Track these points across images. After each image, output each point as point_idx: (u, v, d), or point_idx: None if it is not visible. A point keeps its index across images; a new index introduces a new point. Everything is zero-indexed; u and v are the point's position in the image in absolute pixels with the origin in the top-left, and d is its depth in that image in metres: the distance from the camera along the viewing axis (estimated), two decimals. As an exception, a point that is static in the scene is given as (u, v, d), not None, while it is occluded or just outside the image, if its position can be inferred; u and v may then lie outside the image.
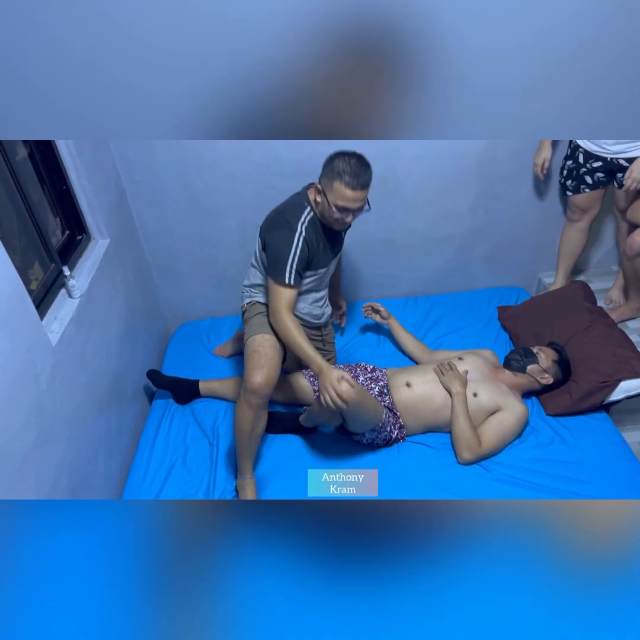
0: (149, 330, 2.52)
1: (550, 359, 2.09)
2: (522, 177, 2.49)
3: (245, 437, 1.84)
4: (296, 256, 1.77)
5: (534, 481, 1.86)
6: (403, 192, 2.47)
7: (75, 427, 1.72)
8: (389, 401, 2.00)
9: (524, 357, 2.09)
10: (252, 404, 1.81)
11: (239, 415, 1.84)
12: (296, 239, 1.77)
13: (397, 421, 1.99)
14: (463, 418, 1.93)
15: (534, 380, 2.08)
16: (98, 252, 2.04)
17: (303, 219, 1.80)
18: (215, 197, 2.42)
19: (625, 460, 1.92)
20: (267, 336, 1.88)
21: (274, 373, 1.83)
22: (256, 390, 1.79)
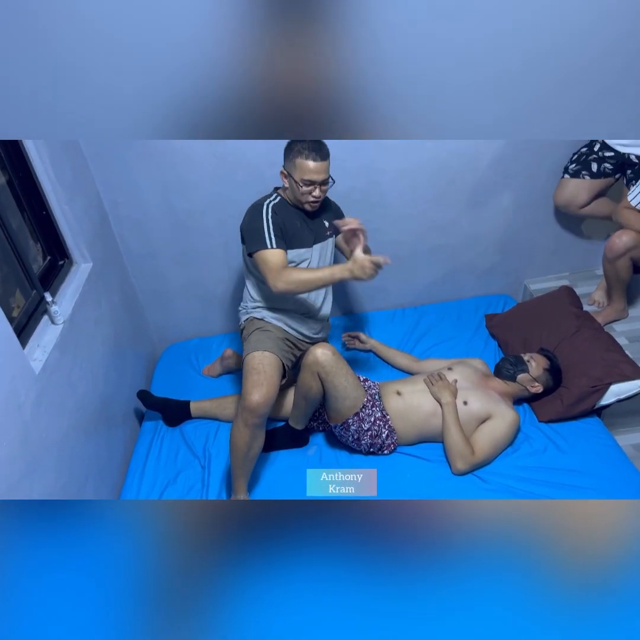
0: (136, 353, 2.49)
1: (541, 368, 2.08)
2: (504, 186, 2.52)
3: (241, 456, 1.82)
4: (270, 223, 1.83)
5: (530, 490, 1.85)
6: (387, 205, 2.48)
7: (63, 454, 1.68)
8: (381, 407, 1.99)
9: (514, 365, 2.09)
10: (249, 423, 1.78)
11: (235, 434, 1.82)
12: (264, 212, 1.85)
13: (387, 423, 1.98)
14: (455, 428, 1.92)
15: (524, 389, 2.08)
16: (81, 277, 2.02)
17: (269, 200, 1.89)
18: (200, 217, 2.42)
19: (620, 464, 1.91)
20: (266, 353, 1.87)
21: (272, 392, 1.81)
22: (254, 409, 1.77)
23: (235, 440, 1.82)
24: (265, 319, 2.00)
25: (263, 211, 1.85)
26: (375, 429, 1.95)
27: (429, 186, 2.45)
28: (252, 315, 2.01)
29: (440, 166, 2.40)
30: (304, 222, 1.93)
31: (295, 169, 1.79)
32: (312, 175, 1.79)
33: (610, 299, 2.46)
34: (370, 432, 1.94)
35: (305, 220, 1.94)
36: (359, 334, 2.50)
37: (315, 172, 1.78)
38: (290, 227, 1.89)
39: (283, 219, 1.87)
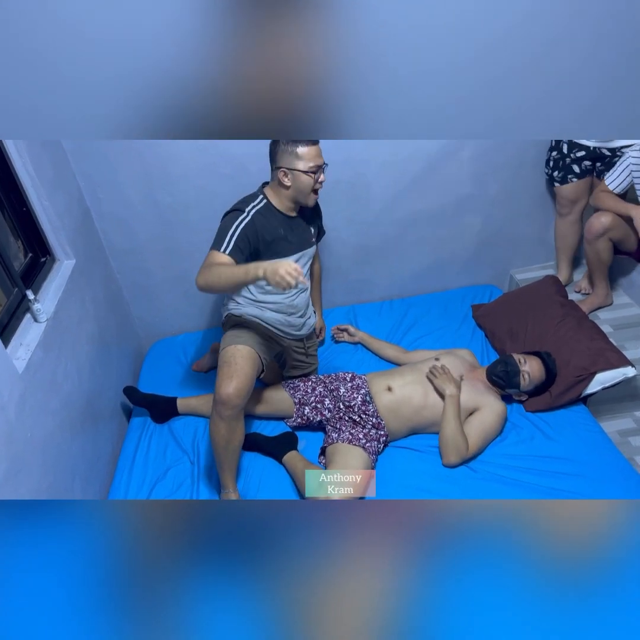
0: (122, 349, 2.47)
1: (533, 384, 2.04)
2: (490, 177, 2.52)
3: (222, 450, 1.81)
4: (238, 230, 1.77)
5: (519, 478, 1.86)
6: (373, 197, 2.48)
7: (49, 453, 1.67)
8: (373, 409, 1.99)
9: (506, 381, 2.02)
10: (224, 415, 1.77)
11: (212, 429, 1.81)
12: (241, 218, 1.80)
13: (382, 429, 1.98)
14: (455, 422, 1.91)
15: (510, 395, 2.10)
16: (64, 274, 1.99)
17: (253, 205, 1.83)
18: (184, 211, 2.39)
19: (606, 450, 1.94)
20: (239, 347, 1.85)
21: (243, 384, 1.78)
22: (225, 401, 1.75)
23: (214, 435, 1.80)
24: (243, 316, 1.97)
25: (239, 217, 1.80)
26: (371, 434, 1.95)
27: (415, 178, 2.45)
28: (230, 312, 1.99)
29: (425, 158, 2.40)
30: (288, 230, 1.89)
31: (300, 159, 1.75)
32: (317, 160, 1.77)
33: (594, 285, 2.48)
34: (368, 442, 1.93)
35: (291, 227, 1.90)
36: (347, 326, 2.50)
37: (318, 156, 1.78)
38: (270, 236, 1.83)
39: (262, 228, 1.81)
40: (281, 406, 2.11)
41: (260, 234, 1.81)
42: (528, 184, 2.57)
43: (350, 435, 1.92)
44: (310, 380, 2.14)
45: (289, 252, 1.91)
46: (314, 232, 2.02)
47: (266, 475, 1.98)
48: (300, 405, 2.09)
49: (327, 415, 2.05)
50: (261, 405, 2.12)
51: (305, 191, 1.81)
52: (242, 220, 1.79)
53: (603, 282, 2.44)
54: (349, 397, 2.02)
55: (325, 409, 2.05)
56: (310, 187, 1.80)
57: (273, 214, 1.86)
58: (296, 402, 2.10)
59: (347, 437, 1.91)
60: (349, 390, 2.04)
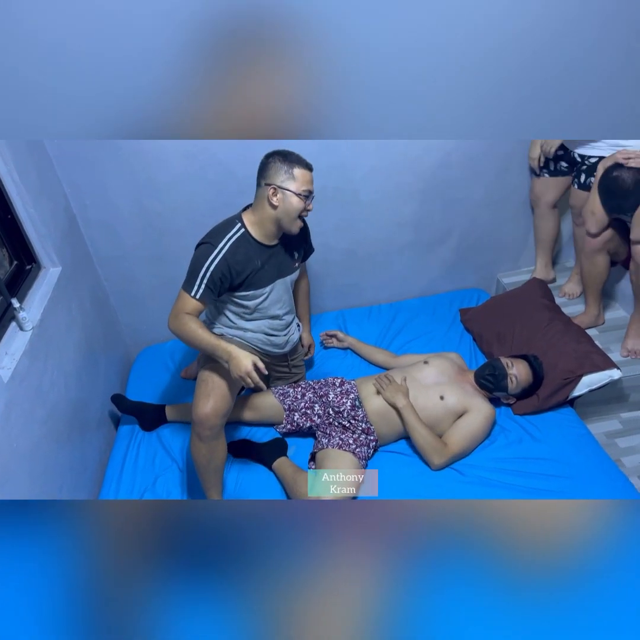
0: (109, 357, 2.45)
1: (520, 387, 2.06)
2: (476, 181, 2.54)
3: (203, 470, 1.77)
4: (208, 272, 1.71)
5: (507, 481, 1.87)
6: (360, 202, 2.49)
7: (35, 464, 1.64)
8: (362, 414, 1.99)
9: (495, 384, 2.04)
10: (202, 436, 1.72)
11: (192, 449, 1.77)
12: (213, 255, 1.73)
13: (371, 433, 1.98)
14: (420, 427, 1.92)
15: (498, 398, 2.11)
16: (50, 281, 1.97)
17: (230, 236, 1.76)
18: (171, 218, 2.38)
19: (593, 452, 1.96)
20: (218, 365, 1.78)
21: (221, 402, 1.73)
22: (202, 421, 1.70)
23: (194, 456, 1.76)
24: (225, 335, 1.93)
25: (211, 255, 1.72)
26: (361, 440, 1.95)
27: (401, 183, 2.46)
28: (213, 331, 1.93)
29: (412, 163, 2.42)
30: (266, 259, 1.82)
31: (294, 181, 1.70)
32: (309, 185, 1.73)
33: (586, 303, 2.45)
34: (358, 447, 1.93)
35: (270, 256, 1.83)
36: (336, 332, 2.50)
37: (311, 182, 1.74)
38: (245, 270, 1.77)
39: (236, 264, 1.75)
40: (270, 412, 2.11)
41: (233, 270, 1.75)
42: (514, 188, 2.60)
43: (340, 440, 1.92)
44: (300, 386, 2.14)
45: (266, 283, 1.86)
46: (298, 256, 1.97)
47: (256, 482, 1.97)
48: (290, 411, 2.08)
49: (317, 421, 2.05)
50: (250, 412, 2.11)
51: (292, 215, 1.74)
52: (213, 259, 1.72)
53: (597, 300, 2.40)
54: (338, 402, 2.02)
55: (315, 414, 2.05)
56: (298, 211, 1.73)
57: (250, 245, 1.78)
58: (286, 408, 2.09)
59: (337, 443, 1.91)
60: (338, 396, 2.04)
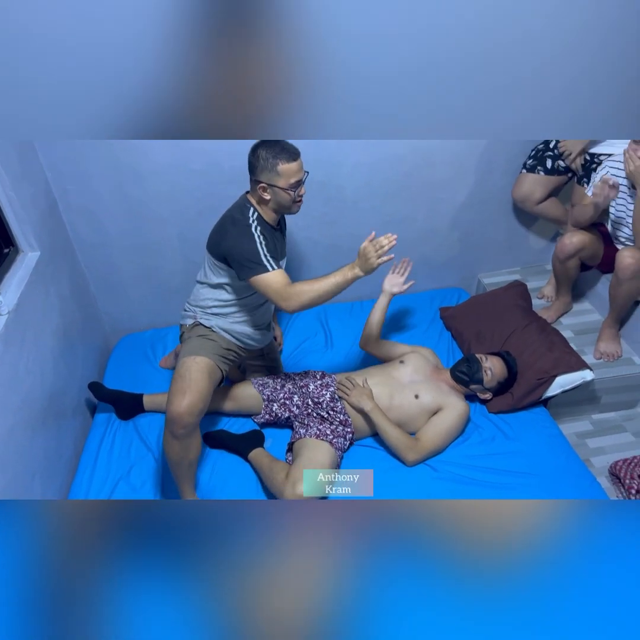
0: (87, 344, 2.43)
1: (495, 380, 2.09)
2: (460, 181, 2.56)
3: (176, 466, 1.75)
4: (263, 244, 1.73)
5: (478, 478, 1.91)
6: (345, 198, 2.49)
7: (8, 451, 1.63)
8: (341, 406, 2.00)
9: (470, 375, 2.07)
10: (176, 434, 1.66)
11: (165, 446, 1.72)
12: (255, 234, 1.74)
13: (348, 425, 2.00)
14: (390, 428, 1.93)
15: (474, 393, 2.14)
16: (28, 266, 1.94)
17: (253, 218, 1.77)
18: (155, 206, 2.36)
19: (563, 451, 2.00)
20: (198, 359, 1.75)
21: (197, 400, 1.67)
22: (176, 419, 1.64)
23: (167, 452, 1.71)
24: (212, 327, 1.91)
25: (254, 233, 1.74)
26: (338, 431, 1.96)
27: (386, 180, 2.48)
28: (200, 320, 1.92)
29: (397, 161, 2.43)
30: (277, 242, 1.87)
31: (280, 177, 1.70)
32: (297, 175, 1.72)
33: (559, 294, 2.55)
34: (335, 438, 1.95)
35: (277, 239, 1.88)
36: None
37: (299, 171, 1.73)
38: (272, 244, 1.81)
39: (267, 237, 1.78)
40: (249, 403, 2.11)
41: (269, 241, 1.78)
42: (497, 190, 2.63)
43: (317, 430, 1.93)
44: (280, 377, 2.15)
45: (281, 258, 1.90)
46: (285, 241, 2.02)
47: (231, 472, 1.98)
48: (269, 401, 2.09)
49: (296, 412, 2.06)
50: (229, 402, 2.11)
51: (285, 205, 1.77)
52: (258, 236, 1.74)
53: (568, 292, 2.54)
54: (317, 393, 2.03)
55: (294, 405, 2.06)
56: (290, 202, 1.76)
57: (265, 227, 1.81)
58: (265, 398, 2.10)
59: (315, 432, 1.92)
60: (318, 387, 2.05)
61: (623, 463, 2.08)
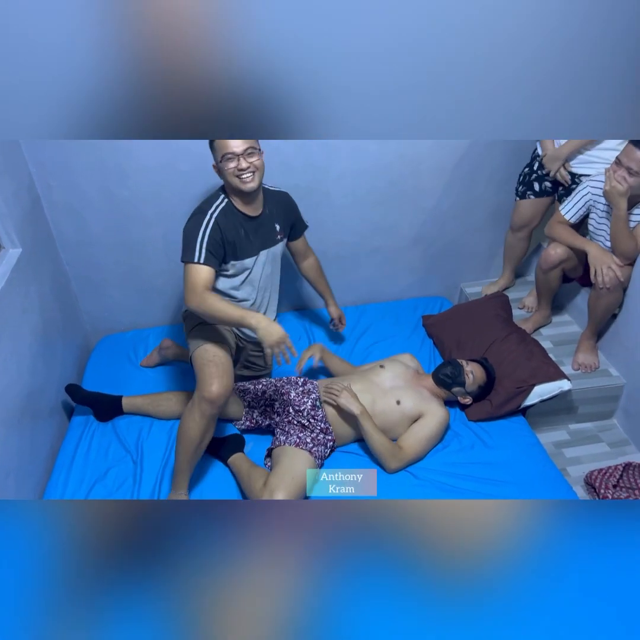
0: (67, 343, 2.39)
1: (476, 384, 2.11)
2: (444, 191, 2.59)
3: (192, 448, 1.79)
4: (206, 235, 1.75)
5: (457, 485, 1.92)
6: (331, 204, 2.50)
7: (-19, 450, 1.60)
8: (322, 414, 2.00)
9: (452, 377, 2.09)
10: (207, 414, 1.76)
11: (189, 425, 1.78)
12: (206, 220, 1.78)
13: (329, 433, 2.00)
14: (377, 434, 1.93)
15: (455, 397, 2.15)
16: (8, 262, 1.91)
17: (216, 205, 1.81)
18: (139, 205, 2.35)
19: (540, 460, 2.03)
20: (218, 346, 1.85)
21: (230, 383, 1.80)
22: (214, 399, 1.74)
23: (190, 432, 1.77)
24: None
25: (204, 221, 1.77)
26: (319, 439, 1.96)
27: (372, 188, 2.49)
28: None
29: (383, 169, 2.45)
30: (250, 229, 1.88)
31: (215, 152, 1.75)
32: (230, 148, 1.71)
33: (539, 305, 2.59)
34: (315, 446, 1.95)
35: (253, 227, 1.88)
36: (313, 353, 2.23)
37: (234, 145, 1.71)
38: (233, 238, 1.82)
39: (225, 229, 1.80)
40: (230, 409, 2.09)
41: (224, 235, 1.80)
42: (481, 200, 2.67)
43: (297, 438, 1.93)
44: (261, 383, 2.14)
45: (251, 253, 1.91)
46: (281, 229, 2.00)
47: (211, 476, 1.96)
48: (250, 408, 2.08)
49: (276, 419, 2.05)
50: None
51: (228, 178, 1.76)
52: (206, 225, 1.77)
53: (548, 305, 2.57)
54: (299, 401, 2.03)
55: (275, 412, 2.06)
56: (231, 173, 1.74)
57: (234, 215, 1.84)
58: (245, 405, 2.09)
59: (295, 441, 1.92)
60: (300, 395, 2.05)
61: (598, 473, 2.11)
